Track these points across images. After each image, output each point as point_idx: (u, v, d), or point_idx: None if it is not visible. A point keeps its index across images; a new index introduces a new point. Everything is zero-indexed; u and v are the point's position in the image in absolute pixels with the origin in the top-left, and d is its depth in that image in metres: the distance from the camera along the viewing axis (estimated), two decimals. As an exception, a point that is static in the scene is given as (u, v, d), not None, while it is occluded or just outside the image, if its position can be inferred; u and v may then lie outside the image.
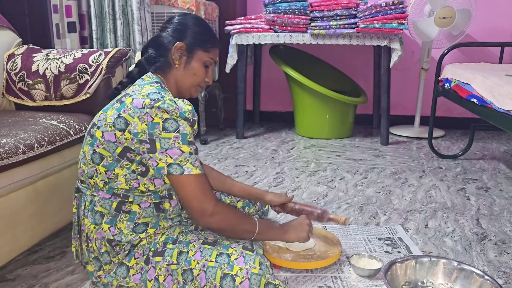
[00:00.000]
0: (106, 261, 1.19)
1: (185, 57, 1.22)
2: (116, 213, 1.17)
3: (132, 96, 1.12)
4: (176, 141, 1.08)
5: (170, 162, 1.08)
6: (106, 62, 1.70)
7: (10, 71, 1.77)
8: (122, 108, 1.11)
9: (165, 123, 1.07)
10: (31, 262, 1.47)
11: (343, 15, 2.77)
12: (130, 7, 2.63)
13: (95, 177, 1.16)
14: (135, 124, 1.08)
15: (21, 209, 1.33)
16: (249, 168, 2.46)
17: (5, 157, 1.22)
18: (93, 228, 1.18)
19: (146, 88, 1.14)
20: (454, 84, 2.30)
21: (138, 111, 1.08)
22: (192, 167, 1.09)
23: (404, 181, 2.27)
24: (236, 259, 1.11)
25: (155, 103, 1.07)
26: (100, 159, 1.14)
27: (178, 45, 1.20)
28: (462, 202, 2.00)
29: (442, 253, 1.54)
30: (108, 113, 1.13)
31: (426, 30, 2.98)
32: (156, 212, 1.20)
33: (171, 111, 1.07)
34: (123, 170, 1.14)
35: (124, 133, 1.10)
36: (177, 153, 1.08)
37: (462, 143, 3.02)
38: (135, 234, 1.18)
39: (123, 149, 1.12)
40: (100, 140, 1.13)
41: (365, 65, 3.47)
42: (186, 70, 1.23)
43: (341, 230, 1.69)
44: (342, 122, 3.14)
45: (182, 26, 1.23)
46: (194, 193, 1.10)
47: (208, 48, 1.24)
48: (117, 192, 1.16)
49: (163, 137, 1.07)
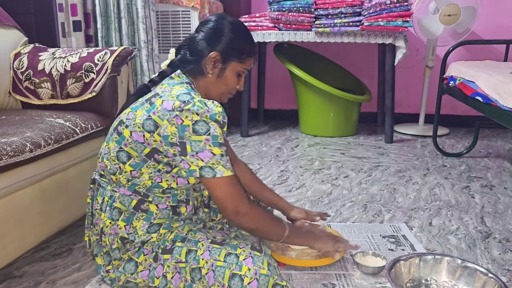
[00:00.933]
0: (116, 257, 1.20)
1: (218, 67, 1.20)
2: (134, 211, 1.18)
3: (162, 97, 1.11)
4: (207, 144, 1.07)
5: (201, 165, 1.08)
6: (112, 61, 1.71)
7: (17, 70, 1.79)
8: (152, 110, 1.10)
9: (195, 125, 1.06)
10: (38, 259, 1.48)
11: (347, 13, 2.77)
12: (135, 6, 2.64)
13: (118, 174, 1.17)
14: (165, 126, 1.08)
15: (28, 207, 1.35)
16: (254, 166, 2.47)
17: (12, 156, 1.23)
18: (109, 223, 1.19)
19: (176, 88, 1.13)
20: (459, 82, 2.29)
21: (167, 114, 1.07)
22: (224, 169, 1.09)
23: (408, 179, 2.27)
24: (244, 259, 1.11)
25: (185, 105, 1.06)
26: (127, 158, 1.14)
27: (212, 55, 1.17)
28: (467, 200, 2.00)
29: (446, 251, 1.54)
30: (137, 113, 1.13)
31: (431, 28, 2.97)
32: (172, 214, 1.22)
33: (201, 113, 1.06)
34: (149, 169, 1.14)
35: (153, 135, 1.10)
36: (208, 155, 1.08)
37: (467, 141, 3.01)
38: (148, 234, 1.19)
39: (151, 150, 1.12)
40: (128, 140, 1.13)
41: (370, 63, 3.47)
42: (218, 80, 1.21)
43: (345, 228, 1.70)
44: (346, 120, 3.14)
45: (219, 33, 1.19)
46: (228, 194, 1.11)
47: (244, 59, 1.21)
48: (138, 189, 1.17)
49: (193, 139, 1.06)
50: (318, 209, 1.89)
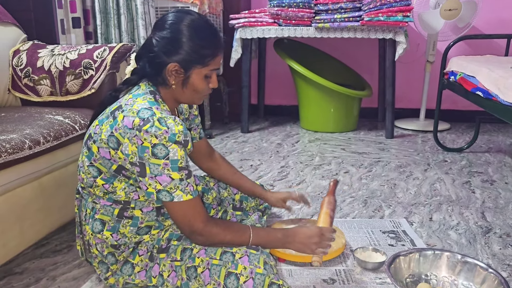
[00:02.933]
0: (111, 261, 1.20)
1: (181, 77, 1.13)
2: (118, 219, 1.16)
3: (124, 112, 1.07)
4: (165, 168, 1.03)
5: (159, 189, 1.05)
6: (111, 58, 1.70)
7: (16, 67, 1.79)
8: (114, 125, 1.07)
9: (154, 148, 1.02)
10: (39, 256, 1.49)
11: (347, 8, 2.75)
12: (134, 2, 2.64)
13: (95, 187, 1.15)
14: (126, 145, 1.05)
15: (27, 203, 1.35)
16: (254, 162, 2.47)
17: (11, 153, 1.23)
18: (91, 235, 1.18)
19: (138, 102, 1.08)
20: (460, 77, 2.29)
21: (128, 132, 1.04)
22: (182, 194, 1.06)
23: (409, 175, 2.26)
24: (240, 258, 1.10)
25: (143, 125, 1.02)
26: (98, 172, 1.13)
27: (170, 67, 1.10)
28: (467, 195, 2.00)
29: (446, 246, 1.54)
30: (103, 128, 1.10)
31: (432, 23, 2.95)
32: (157, 216, 1.20)
33: (159, 136, 1.01)
34: (122, 183, 1.13)
35: (117, 152, 1.07)
36: (166, 180, 1.04)
37: (468, 136, 3.00)
38: (139, 236, 1.19)
39: (118, 167, 1.10)
40: (96, 155, 1.11)
41: (370, 58, 3.45)
42: (184, 89, 1.15)
43: (345, 223, 1.70)
44: (347, 115, 3.13)
45: (175, 42, 1.09)
46: (183, 217, 1.09)
47: (207, 62, 1.12)
48: (117, 200, 1.16)
49: (152, 162, 1.03)
50: (319, 205, 1.89)
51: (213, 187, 1.52)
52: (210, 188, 1.51)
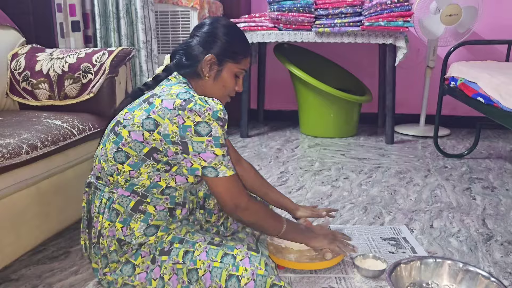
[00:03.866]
0: (113, 259, 1.19)
1: (215, 69, 1.20)
2: (131, 212, 1.17)
3: (161, 97, 1.11)
4: (209, 145, 1.08)
5: (204, 165, 1.09)
6: (110, 62, 1.69)
7: (14, 71, 1.78)
8: (152, 109, 1.10)
9: (197, 126, 1.06)
10: (35, 262, 1.47)
11: (348, 13, 2.75)
12: (134, 6, 2.63)
13: (116, 175, 1.16)
14: (166, 125, 1.08)
15: (24, 209, 1.34)
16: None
17: (8, 158, 1.22)
18: (107, 225, 1.18)
19: (174, 88, 1.14)
20: (460, 82, 2.28)
21: (168, 112, 1.08)
22: (226, 169, 1.11)
23: (409, 181, 2.25)
24: (241, 260, 1.11)
25: (186, 104, 1.07)
26: (125, 157, 1.14)
27: (208, 58, 1.18)
28: (468, 202, 1.99)
29: (447, 254, 1.53)
30: (135, 113, 1.13)
31: (432, 28, 2.95)
32: (168, 216, 1.21)
33: (203, 113, 1.06)
34: (148, 168, 1.14)
35: (153, 134, 1.10)
36: (211, 156, 1.09)
37: (468, 142, 2.99)
38: (146, 237, 1.18)
39: (150, 149, 1.12)
40: (126, 139, 1.13)
41: (370, 63, 3.45)
42: (215, 82, 1.22)
43: (345, 230, 1.68)
44: (346, 120, 3.12)
45: (213, 36, 1.20)
46: (228, 191, 1.14)
47: (239, 60, 1.22)
48: (137, 190, 1.16)
49: (195, 140, 1.07)
50: (318, 211, 1.87)
51: None
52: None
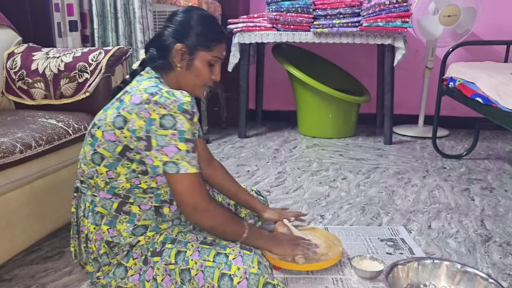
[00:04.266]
0: (105, 262, 1.18)
1: (186, 59, 1.18)
2: (116, 214, 1.16)
3: (131, 93, 1.11)
4: (173, 139, 1.06)
5: (166, 160, 1.06)
6: (106, 61, 1.68)
7: (10, 70, 1.76)
8: (121, 106, 1.10)
9: (162, 119, 1.05)
10: (29, 262, 1.45)
11: (346, 14, 2.74)
12: (132, 6, 2.62)
13: (96, 177, 1.15)
14: (133, 120, 1.07)
15: (18, 208, 1.32)
16: (251, 167, 2.44)
17: (1, 157, 1.20)
18: (93, 229, 1.17)
19: (144, 83, 1.13)
20: (459, 83, 2.27)
21: (136, 108, 1.07)
22: (188, 166, 1.08)
23: (407, 181, 2.24)
24: (234, 258, 1.10)
25: (152, 97, 1.05)
26: (100, 159, 1.13)
27: (177, 47, 1.16)
28: (466, 202, 1.97)
29: (445, 255, 1.52)
30: (108, 113, 1.13)
31: (431, 29, 2.94)
32: (155, 215, 1.19)
33: (168, 105, 1.05)
34: (124, 169, 1.13)
35: (123, 131, 1.09)
36: (173, 150, 1.06)
37: (467, 143, 2.98)
38: (134, 237, 1.17)
39: (123, 148, 1.11)
40: (100, 140, 1.12)
41: (369, 63, 3.44)
42: (188, 72, 1.19)
43: (343, 231, 1.67)
44: (345, 121, 3.11)
45: (184, 25, 1.17)
46: (188, 190, 1.09)
47: (212, 47, 1.19)
48: (118, 192, 1.15)
49: (159, 133, 1.05)
50: (316, 211, 1.86)
51: None
52: None
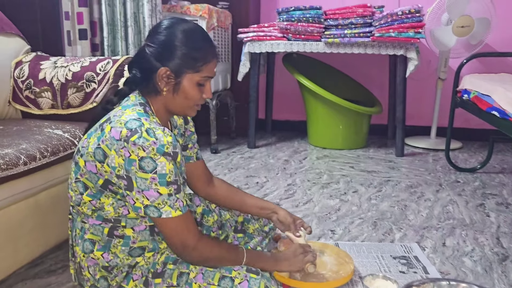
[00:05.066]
0: (104, 286, 1.12)
1: (172, 83, 1.08)
2: (109, 238, 1.10)
3: (112, 123, 1.02)
4: (153, 183, 0.98)
5: (146, 204, 1.00)
6: (114, 71, 1.66)
7: (17, 79, 1.75)
8: (102, 137, 1.02)
9: (141, 161, 0.96)
10: (32, 276, 1.42)
11: (358, 24, 2.71)
12: (142, 15, 2.61)
13: (82, 204, 1.09)
14: (113, 157, 0.99)
15: (22, 221, 1.29)
16: (260, 179, 2.40)
17: (4, 169, 1.18)
18: (83, 256, 1.12)
19: (127, 113, 1.03)
20: (473, 95, 2.21)
21: (115, 143, 0.99)
22: (170, 210, 1.01)
23: (420, 195, 2.18)
24: (240, 283, 1.04)
25: (131, 136, 0.97)
26: (84, 188, 1.07)
27: (161, 71, 1.06)
28: (482, 218, 1.91)
29: (461, 275, 1.46)
30: (90, 141, 1.05)
31: (444, 39, 2.90)
32: (151, 236, 1.13)
33: (147, 147, 0.96)
34: (109, 199, 1.06)
35: (103, 165, 1.02)
36: (154, 195, 0.99)
37: (481, 156, 2.91)
38: (132, 258, 1.12)
39: (105, 181, 1.04)
40: (82, 170, 1.06)
41: (380, 74, 3.40)
42: (176, 95, 1.10)
43: (354, 247, 1.62)
44: (356, 132, 3.06)
45: (166, 46, 1.06)
46: (174, 232, 1.04)
47: (200, 68, 1.08)
48: (107, 217, 1.09)
49: (139, 176, 0.98)
50: (326, 226, 1.81)
51: (214, 209, 1.44)
52: (211, 210, 1.44)
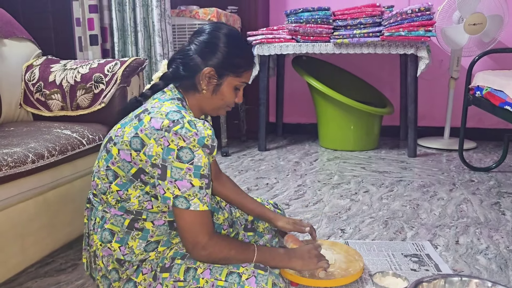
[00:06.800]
0: (114, 278, 1.13)
1: (214, 83, 1.12)
2: (128, 230, 1.11)
3: (151, 113, 1.04)
4: (188, 173, 1.00)
5: (177, 194, 1.01)
6: (122, 72, 1.67)
7: (28, 82, 1.78)
8: (140, 127, 1.03)
9: (180, 151, 0.99)
10: (42, 275, 1.43)
11: (367, 24, 2.69)
12: (151, 19, 2.64)
13: (108, 194, 1.10)
14: (151, 145, 1.01)
15: (30, 219, 1.31)
16: (270, 180, 2.39)
17: (13, 166, 1.19)
18: (99, 245, 1.12)
19: (166, 105, 1.06)
20: (486, 91, 2.18)
21: (155, 133, 1.01)
22: (199, 203, 1.01)
23: (433, 195, 2.14)
24: (247, 279, 1.03)
25: (173, 126, 0.99)
26: (113, 177, 1.08)
27: (206, 71, 1.10)
28: (497, 217, 1.87)
29: (474, 272, 1.42)
30: (125, 130, 1.06)
31: (455, 38, 2.86)
32: (169, 229, 1.14)
33: (188, 138, 0.99)
34: (137, 191, 1.07)
35: (139, 154, 1.03)
36: (186, 186, 1.00)
37: (495, 155, 2.86)
38: (146, 253, 1.13)
39: (138, 170, 1.05)
40: (115, 158, 1.07)
41: (391, 74, 3.37)
42: (214, 95, 1.14)
43: (364, 246, 1.59)
44: (367, 133, 3.03)
45: (213, 46, 1.11)
46: (190, 226, 1.04)
47: (241, 73, 1.14)
48: (129, 209, 1.10)
49: (175, 165, 0.99)
50: (336, 225, 1.79)
51: (225, 207, 1.44)
52: (221, 208, 1.43)
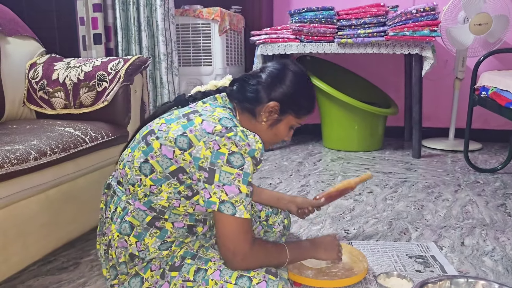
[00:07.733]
0: (123, 271, 1.13)
1: (274, 118, 1.13)
2: (147, 227, 1.09)
3: (202, 116, 1.03)
4: (237, 179, 0.99)
5: (224, 199, 0.99)
6: (125, 70, 1.67)
7: (32, 80, 1.77)
8: (189, 127, 1.02)
9: (231, 156, 0.98)
10: (44, 273, 1.42)
11: (371, 23, 2.68)
12: (155, 18, 2.64)
13: (137, 186, 1.08)
14: (199, 148, 1.00)
15: (32, 217, 1.30)
16: (273, 180, 2.38)
17: (15, 163, 1.18)
18: (116, 236, 1.11)
19: (218, 111, 1.06)
20: (492, 91, 2.16)
21: (206, 136, 1.00)
22: (244, 211, 1.00)
23: (437, 196, 2.12)
24: (258, 283, 1.02)
25: (226, 132, 0.99)
26: (150, 171, 1.06)
27: (271, 104, 1.11)
28: (503, 218, 1.85)
29: (480, 274, 1.40)
30: (171, 126, 1.05)
31: (461, 38, 2.84)
32: (187, 233, 1.13)
33: (241, 146, 0.99)
34: (170, 188, 1.06)
35: (184, 153, 1.01)
36: (234, 191, 0.99)
37: (501, 157, 2.83)
38: (159, 251, 1.11)
39: (177, 169, 1.03)
40: (156, 152, 1.05)
41: (395, 74, 3.35)
42: (269, 129, 1.15)
43: (368, 246, 1.58)
44: (371, 134, 3.02)
45: (282, 83, 1.13)
46: (233, 234, 1.03)
47: (301, 115, 1.16)
48: (154, 206, 1.08)
49: (224, 170, 0.98)
50: (340, 226, 1.78)
51: None
52: None
